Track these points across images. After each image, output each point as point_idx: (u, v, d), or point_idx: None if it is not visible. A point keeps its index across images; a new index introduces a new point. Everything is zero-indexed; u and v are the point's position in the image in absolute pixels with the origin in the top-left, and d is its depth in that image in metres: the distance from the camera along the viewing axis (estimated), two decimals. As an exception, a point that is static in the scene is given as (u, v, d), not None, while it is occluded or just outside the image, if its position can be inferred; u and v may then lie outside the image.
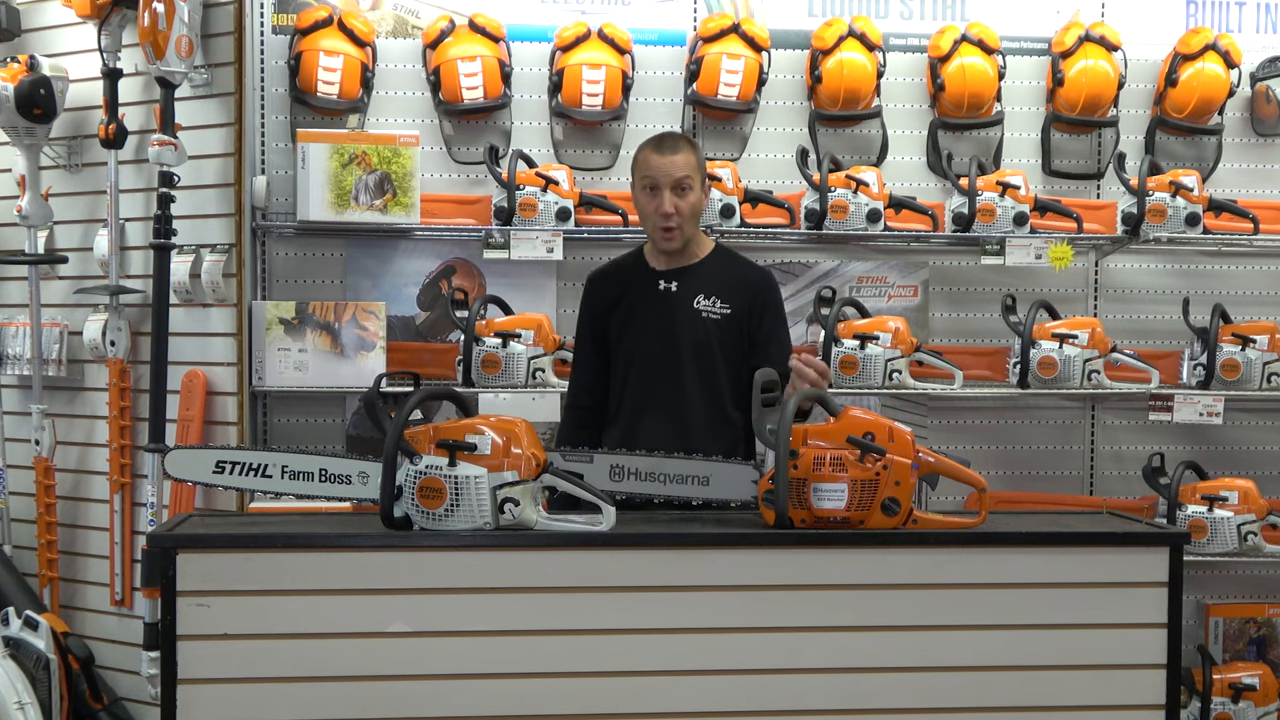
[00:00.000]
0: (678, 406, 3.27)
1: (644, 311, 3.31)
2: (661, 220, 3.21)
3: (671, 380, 3.27)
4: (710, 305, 3.29)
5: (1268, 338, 4.25)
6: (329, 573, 2.49)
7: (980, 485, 2.66)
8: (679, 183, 3.19)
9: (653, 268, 3.34)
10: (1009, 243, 4.20)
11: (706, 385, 3.28)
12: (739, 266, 3.41)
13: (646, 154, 3.24)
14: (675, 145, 3.25)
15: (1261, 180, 4.61)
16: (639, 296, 3.32)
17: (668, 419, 3.25)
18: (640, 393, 3.30)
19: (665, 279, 3.32)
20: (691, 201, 3.23)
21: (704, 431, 3.23)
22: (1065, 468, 4.58)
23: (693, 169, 3.22)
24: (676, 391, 3.27)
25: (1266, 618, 4.54)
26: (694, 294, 3.30)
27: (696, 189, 3.23)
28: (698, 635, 2.53)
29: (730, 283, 3.32)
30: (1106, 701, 2.60)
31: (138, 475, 4.20)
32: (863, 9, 4.46)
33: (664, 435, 3.13)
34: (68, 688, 4.04)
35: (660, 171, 3.19)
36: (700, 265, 3.33)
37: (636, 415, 3.29)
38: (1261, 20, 4.63)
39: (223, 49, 4.06)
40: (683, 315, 3.29)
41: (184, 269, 4.06)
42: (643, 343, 3.30)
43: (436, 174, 4.31)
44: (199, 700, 2.45)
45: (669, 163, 3.19)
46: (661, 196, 3.19)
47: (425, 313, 4.38)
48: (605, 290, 3.40)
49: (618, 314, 3.34)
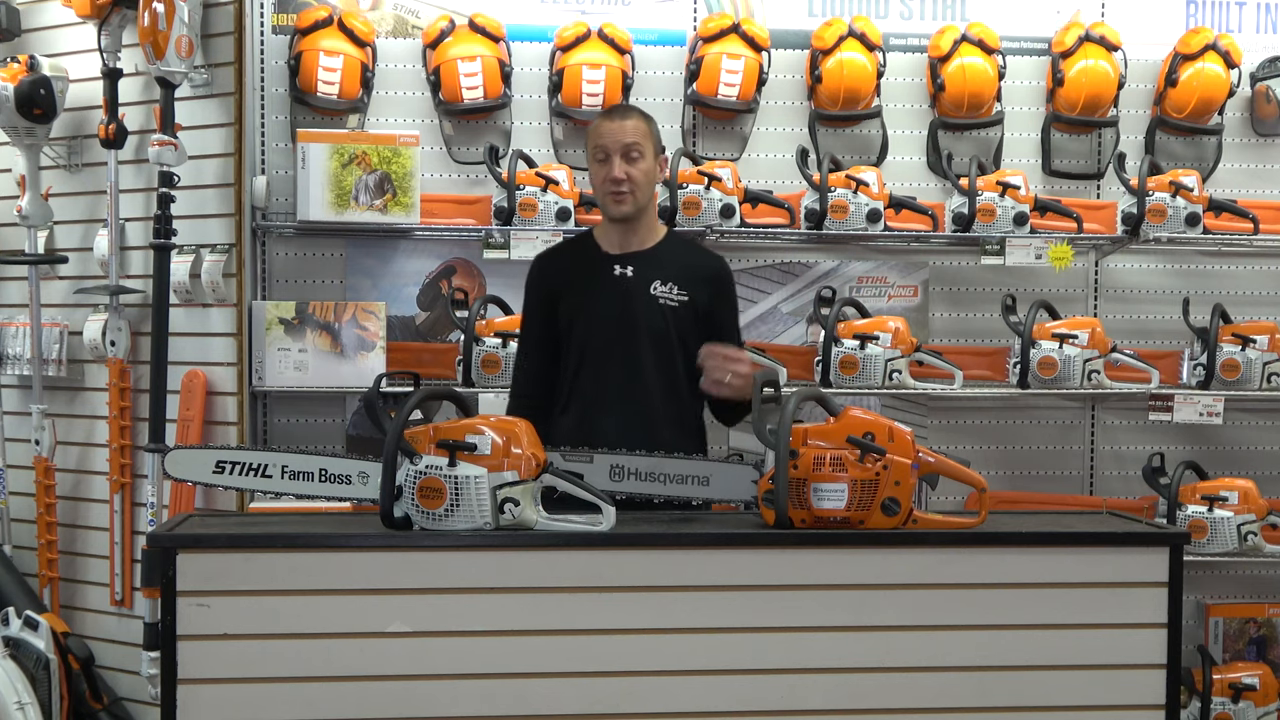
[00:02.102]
0: (634, 396, 3.15)
1: (598, 298, 3.18)
2: (612, 186, 3.11)
3: (628, 369, 3.16)
4: (668, 292, 3.18)
5: (1268, 338, 4.25)
6: (329, 573, 2.48)
7: (980, 485, 2.66)
8: (629, 149, 3.10)
9: (606, 252, 3.22)
10: (1009, 243, 4.20)
11: (664, 374, 3.18)
12: (695, 254, 3.32)
13: (597, 123, 3.17)
14: (625, 113, 3.19)
15: (1261, 180, 4.61)
16: (592, 282, 3.20)
17: (624, 409, 3.14)
18: (594, 382, 3.17)
19: (620, 264, 3.20)
20: (644, 169, 3.13)
21: (661, 422, 3.15)
22: (1065, 468, 4.58)
23: (643, 136, 3.13)
24: (633, 381, 3.15)
25: (1266, 618, 4.54)
26: (650, 280, 3.19)
27: (649, 158, 3.14)
28: (697, 635, 2.52)
29: (687, 270, 3.21)
30: (1106, 701, 2.60)
31: (138, 475, 4.20)
32: (863, 9, 4.46)
33: (621, 426, 3.07)
34: (68, 688, 4.04)
35: (610, 138, 3.10)
36: (655, 250, 3.23)
37: (591, 406, 3.16)
38: (1261, 20, 4.63)
39: (223, 49, 4.06)
40: (639, 302, 3.17)
41: (184, 269, 4.07)
42: (598, 330, 3.17)
43: (436, 174, 4.31)
44: (199, 700, 2.45)
45: (618, 128, 3.11)
46: (612, 163, 3.10)
47: (425, 313, 4.38)
48: (554, 273, 3.28)
49: (569, 299, 3.21)
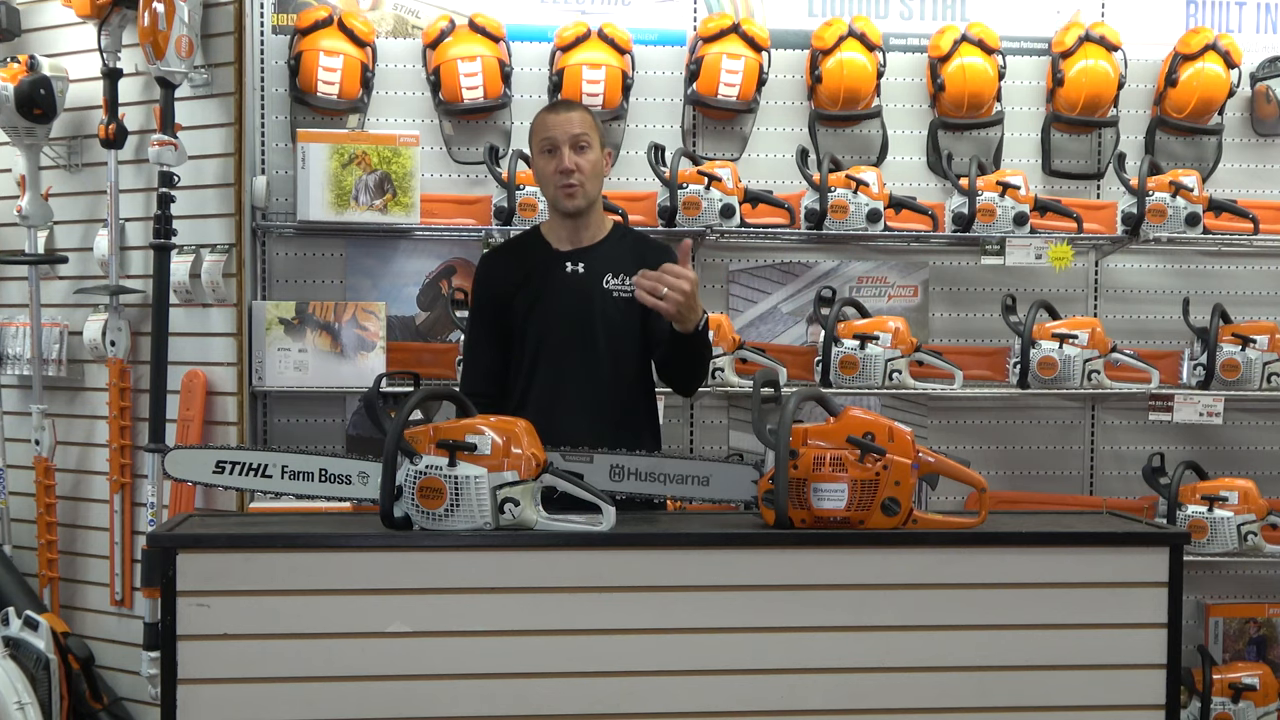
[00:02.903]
0: (595, 391, 3.16)
1: (553, 296, 3.18)
2: (561, 178, 3.11)
3: (586, 364, 3.17)
4: (619, 284, 3.18)
5: (1268, 338, 4.25)
6: (329, 573, 2.48)
7: (980, 485, 2.66)
8: (576, 140, 3.10)
9: (556, 249, 3.23)
10: (1009, 243, 4.20)
11: (621, 368, 3.19)
12: (645, 245, 3.32)
13: (542, 117, 3.18)
14: (570, 105, 3.24)
15: (1261, 180, 4.61)
16: (545, 280, 3.20)
17: (584, 404, 3.15)
18: (552, 378, 3.18)
19: (571, 260, 3.20)
20: (592, 160, 3.13)
21: (620, 414, 3.17)
22: (1065, 468, 4.58)
23: (589, 127, 3.14)
24: (592, 376, 3.16)
25: (1266, 618, 4.54)
26: (602, 274, 3.19)
27: (596, 149, 3.14)
28: (697, 635, 2.52)
29: (639, 262, 3.16)
30: (1106, 701, 2.60)
31: (138, 475, 4.20)
32: (863, 9, 4.46)
33: (582, 422, 3.08)
34: (68, 688, 4.04)
35: (558, 129, 3.11)
36: (604, 244, 3.24)
37: (551, 401, 3.16)
38: (1261, 20, 4.63)
39: (223, 49, 4.06)
40: (594, 297, 3.18)
41: (184, 269, 4.07)
42: (554, 328, 3.18)
43: (436, 174, 4.31)
44: (199, 700, 2.45)
45: (565, 119, 3.12)
46: (560, 154, 3.10)
47: (425, 313, 4.38)
48: (505, 270, 3.26)
49: (522, 297, 3.20)
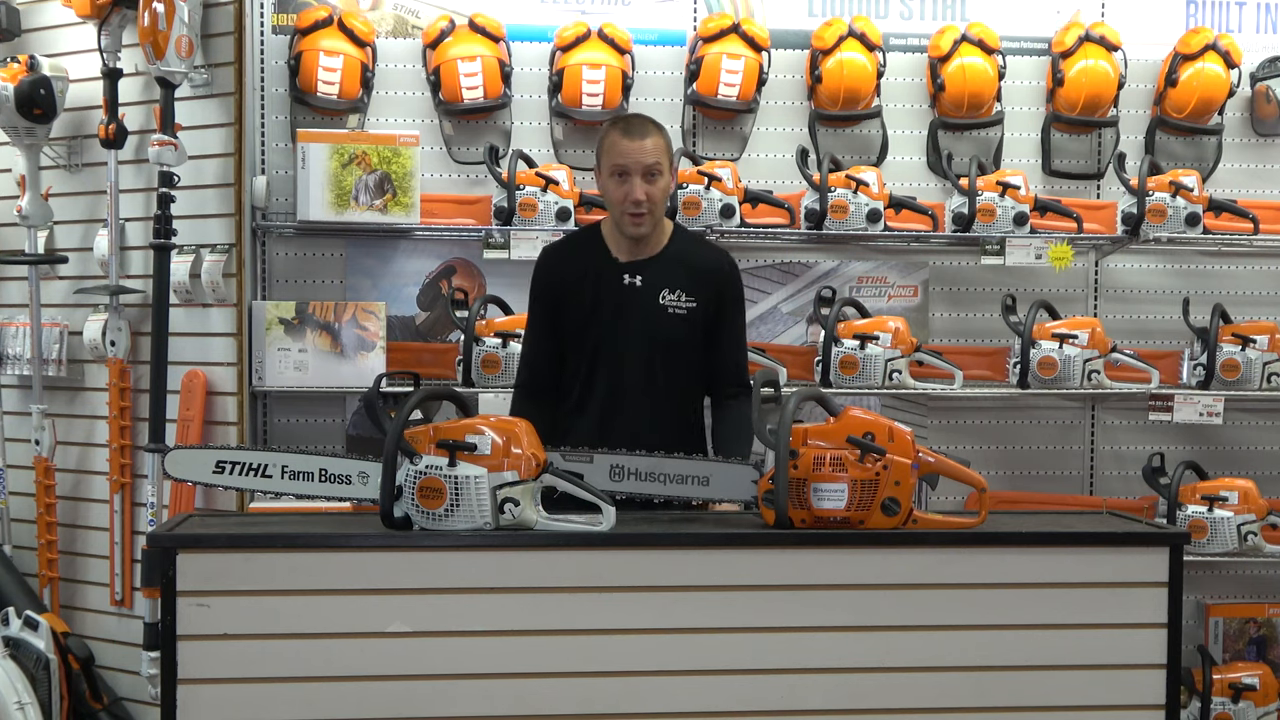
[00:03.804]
0: (650, 402, 3.21)
1: (609, 307, 3.21)
2: (632, 208, 3.11)
3: (641, 374, 3.21)
4: (676, 300, 3.21)
5: (1268, 338, 4.25)
6: (329, 573, 2.48)
7: (980, 485, 2.66)
8: (650, 169, 3.09)
9: (615, 258, 3.23)
10: (1009, 243, 4.20)
11: (673, 378, 3.24)
12: (702, 254, 3.31)
13: (615, 139, 3.12)
14: (644, 129, 3.14)
15: (1261, 180, 4.61)
16: (601, 289, 3.22)
17: (638, 412, 3.20)
18: (609, 386, 3.22)
19: (629, 272, 3.22)
20: (662, 187, 3.14)
21: (671, 423, 3.21)
22: (1065, 468, 4.58)
23: (663, 153, 3.12)
24: (649, 387, 3.21)
25: (1266, 618, 4.54)
26: (659, 289, 3.21)
27: (666, 174, 3.15)
28: (698, 635, 2.52)
29: (693, 273, 3.23)
30: (1106, 701, 2.60)
31: (138, 475, 4.20)
32: (863, 9, 4.46)
33: (635, 428, 3.12)
34: (68, 688, 4.04)
35: (631, 158, 3.08)
36: (663, 255, 3.24)
37: (609, 409, 3.22)
38: (1261, 20, 4.63)
39: (223, 49, 4.06)
40: (651, 312, 3.21)
41: (184, 269, 4.06)
42: (611, 339, 3.22)
43: (436, 174, 4.31)
44: (199, 700, 2.45)
45: (639, 148, 3.09)
46: (632, 183, 3.08)
47: (425, 313, 4.38)
48: (563, 270, 3.28)
49: (577, 300, 3.23)
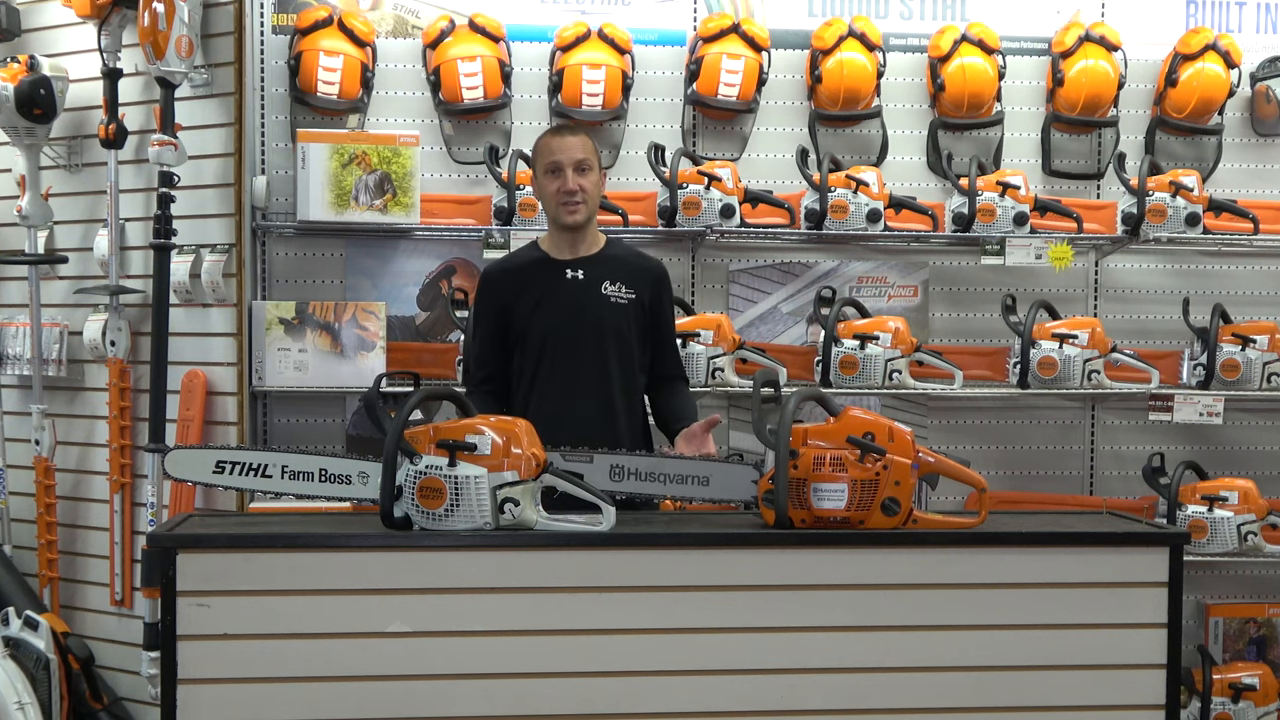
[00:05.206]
0: (603, 389, 3.35)
1: (556, 299, 3.37)
2: (566, 197, 3.32)
3: (596, 363, 3.35)
4: (617, 291, 3.39)
5: (1268, 338, 4.25)
6: (329, 573, 2.49)
7: (980, 485, 2.66)
8: (580, 163, 3.31)
9: (556, 259, 3.41)
10: (1009, 243, 4.20)
11: (620, 366, 3.38)
12: (636, 258, 3.53)
13: (546, 141, 3.38)
14: (573, 130, 3.44)
15: (1261, 180, 4.61)
16: (547, 286, 3.38)
17: (588, 400, 3.33)
18: (558, 375, 3.35)
19: (570, 268, 3.40)
20: (593, 180, 3.35)
21: (620, 411, 3.35)
22: (1065, 468, 4.58)
23: (590, 152, 3.34)
24: (601, 374, 3.35)
25: (1266, 618, 4.54)
26: (600, 280, 3.39)
27: (595, 170, 3.36)
28: (697, 635, 2.53)
29: (630, 270, 3.43)
30: (1106, 701, 2.60)
31: (138, 475, 4.20)
32: (863, 9, 4.46)
33: (593, 419, 3.29)
34: (68, 688, 4.04)
35: (563, 153, 3.31)
36: (600, 255, 3.43)
37: (558, 397, 3.33)
38: (1261, 20, 4.63)
39: (223, 49, 4.06)
40: (596, 301, 3.38)
41: (184, 269, 4.07)
42: (557, 328, 3.36)
43: (436, 174, 4.31)
44: (199, 700, 2.45)
45: (569, 144, 3.33)
46: (565, 175, 3.30)
47: (425, 313, 4.38)
48: (506, 284, 3.43)
49: (523, 303, 3.37)
